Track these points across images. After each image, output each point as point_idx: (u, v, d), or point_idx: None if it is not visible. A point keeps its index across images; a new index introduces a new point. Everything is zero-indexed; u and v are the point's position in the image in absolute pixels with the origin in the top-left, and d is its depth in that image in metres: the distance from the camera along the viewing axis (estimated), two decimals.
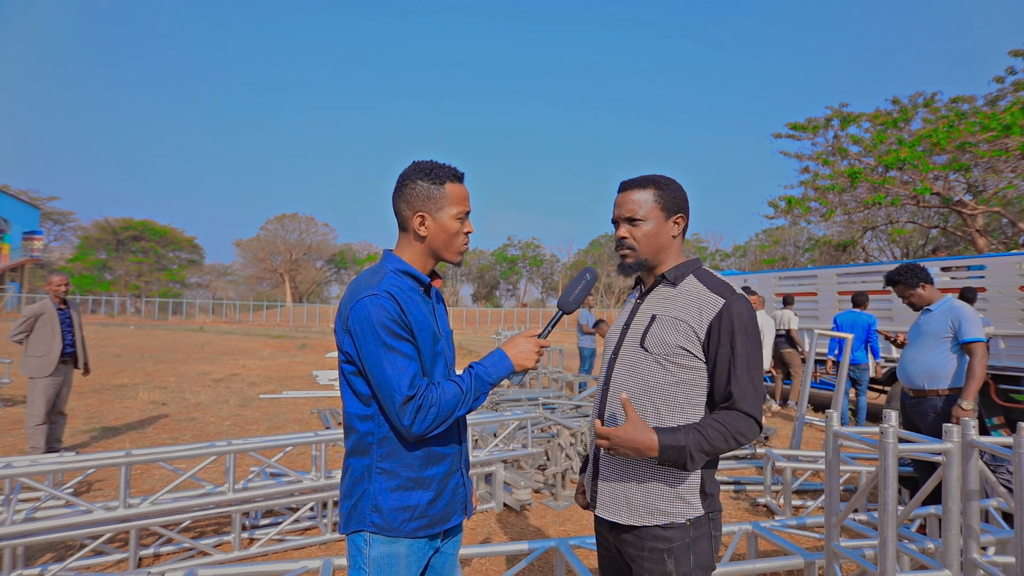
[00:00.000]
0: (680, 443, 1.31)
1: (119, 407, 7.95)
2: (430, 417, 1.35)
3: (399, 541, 1.41)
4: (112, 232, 46.97)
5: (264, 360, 14.82)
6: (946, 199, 15.28)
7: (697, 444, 1.32)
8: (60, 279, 5.26)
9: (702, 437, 1.33)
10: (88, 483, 4.51)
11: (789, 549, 2.68)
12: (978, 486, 2.23)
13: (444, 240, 1.50)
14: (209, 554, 3.33)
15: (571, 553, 2.60)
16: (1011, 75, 14.68)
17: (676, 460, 1.33)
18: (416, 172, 1.48)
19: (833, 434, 2.52)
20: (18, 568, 2.97)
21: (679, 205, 1.53)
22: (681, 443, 1.31)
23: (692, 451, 1.32)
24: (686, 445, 1.31)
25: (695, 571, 1.39)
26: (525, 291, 67.75)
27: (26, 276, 36.89)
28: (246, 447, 3.43)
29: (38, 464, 3.18)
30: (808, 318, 8.75)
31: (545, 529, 3.90)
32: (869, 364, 7.14)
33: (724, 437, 1.34)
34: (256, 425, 6.98)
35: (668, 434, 1.32)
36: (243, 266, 59.07)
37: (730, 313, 1.39)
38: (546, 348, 1.53)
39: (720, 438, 1.34)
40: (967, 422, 2.21)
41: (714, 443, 1.33)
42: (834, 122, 16.68)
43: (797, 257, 35.99)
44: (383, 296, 1.36)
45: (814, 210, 17.15)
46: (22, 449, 5.42)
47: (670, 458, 1.32)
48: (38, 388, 4.95)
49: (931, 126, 14.92)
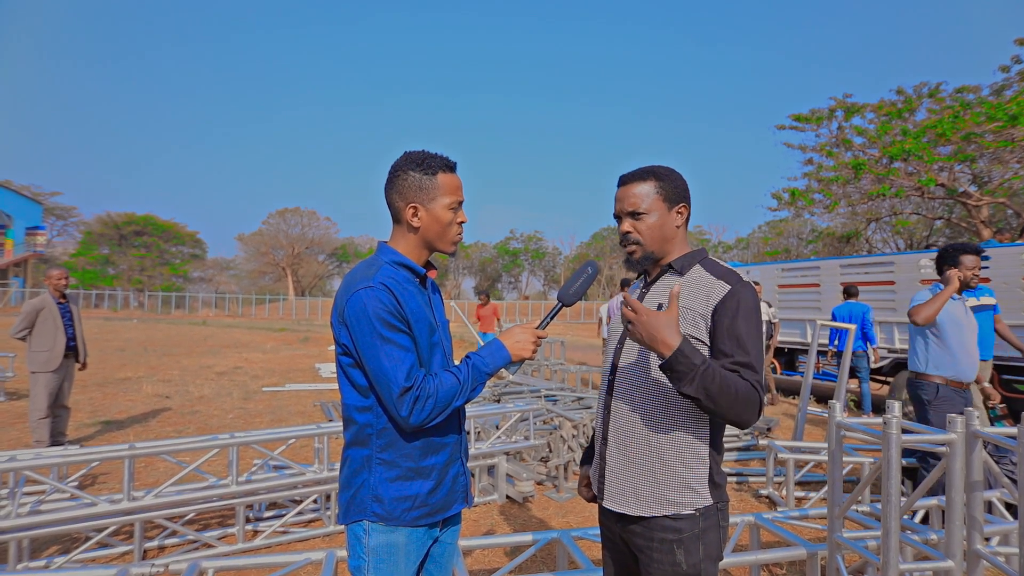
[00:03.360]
0: (695, 362, 1.25)
1: (123, 401, 7.99)
2: (427, 408, 1.34)
3: (399, 530, 1.41)
4: (115, 227, 47.00)
5: (267, 353, 14.87)
6: (951, 190, 15.17)
7: (707, 373, 1.25)
8: (60, 273, 5.27)
9: (713, 372, 1.26)
10: (92, 476, 4.53)
11: (792, 540, 2.68)
12: (982, 477, 2.22)
13: (438, 231, 1.49)
14: (213, 546, 3.35)
15: (573, 544, 2.60)
16: (1017, 64, 14.51)
17: (677, 372, 1.26)
18: (408, 163, 1.47)
19: (836, 425, 2.51)
20: (24, 560, 2.99)
21: (681, 195, 1.51)
22: (696, 362, 1.25)
23: (699, 373, 1.25)
24: (698, 366, 1.25)
25: (704, 561, 1.38)
26: (527, 284, 67.78)
27: (30, 271, 36.99)
28: (249, 440, 3.44)
29: (42, 457, 3.20)
30: (811, 309, 8.73)
31: (548, 521, 3.91)
32: (868, 352, 7.14)
33: (727, 387, 1.27)
34: (259, 418, 7.01)
35: (690, 349, 1.26)
36: (245, 260, 59.14)
37: (735, 298, 1.38)
38: (543, 339, 1.52)
39: (725, 385, 1.27)
40: (971, 412, 2.20)
41: (719, 383, 1.26)
42: (838, 113, 16.54)
43: (800, 249, 35.90)
44: (378, 288, 1.36)
45: (818, 202, 17.05)
46: (26, 443, 5.44)
47: (675, 366, 1.25)
48: (40, 382, 4.97)
49: (936, 117, 14.76)
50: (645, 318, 1.29)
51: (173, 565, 2.39)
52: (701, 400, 1.26)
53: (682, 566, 1.36)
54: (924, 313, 3.41)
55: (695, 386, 1.25)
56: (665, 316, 1.29)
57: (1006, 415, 6.04)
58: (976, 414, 2.20)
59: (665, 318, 1.29)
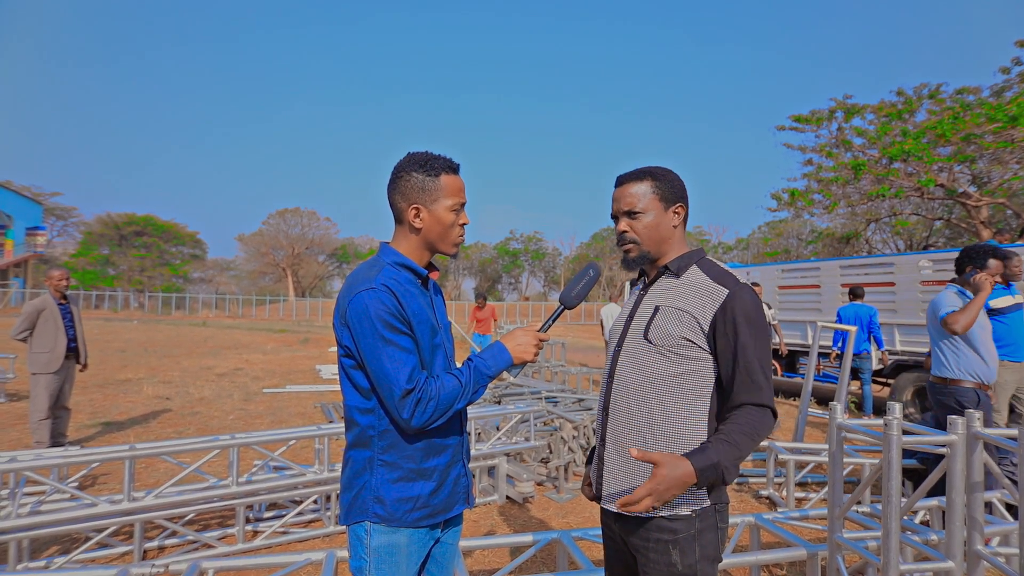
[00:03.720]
0: (713, 460, 1.28)
1: (123, 402, 7.99)
2: (429, 410, 1.35)
3: (400, 531, 1.41)
4: (115, 227, 46.99)
5: (267, 354, 14.86)
6: (950, 191, 15.17)
7: (728, 455, 1.29)
8: (60, 274, 5.27)
9: (730, 446, 1.30)
10: (93, 477, 4.53)
11: (792, 541, 2.68)
12: (982, 478, 2.22)
13: (440, 232, 1.49)
14: (213, 547, 3.35)
15: (574, 545, 2.60)
16: (1017, 66, 14.52)
17: (715, 478, 1.29)
18: (411, 164, 1.47)
19: (837, 426, 2.51)
20: (24, 561, 2.99)
21: (677, 194, 1.51)
22: (714, 460, 1.28)
23: (725, 464, 1.29)
24: (719, 460, 1.28)
25: (700, 562, 1.38)
26: (527, 285, 67.74)
27: (30, 271, 36.99)
28: (249, 441, 3.44)
29: (43, 458, 3.20)
30: (811, 310, 8.73)
31: (548, 521, 3.91)
32: (872, 354, 7.13)
33: (749, 437, 1.32)
34: (259, 419, 7.01)
35: (699, 456, 1.28)
36: (245, 261, 59.13)
37: (734, 304, 1.37)
38: (546, 342, 1.52)
39: (746, 440, 1.32)
40: (972, 414, 2.20)
41: (742, 448, 1.31)
42: (838, 114, 16.53)
43: (800, 250, 35.89)
44: (380, 290, 1.36)
45: (817, 202, 17.04)
46: (27, 444, 5.44)
47: (709, 478, 1.28)
48: (41, 383, 4.97)
49: (936, 117, 14.76)
50: (659, 487, 1.25)
51: (173, 565, 2.39)
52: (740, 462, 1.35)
53: (678, 567, 1.36)
54: (963, 321, 3.34)
55: (732, 472, 1.32)
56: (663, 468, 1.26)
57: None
58: (977, 416, 2.20)
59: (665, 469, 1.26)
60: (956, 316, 3.37)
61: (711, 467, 1.27)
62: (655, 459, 1.27)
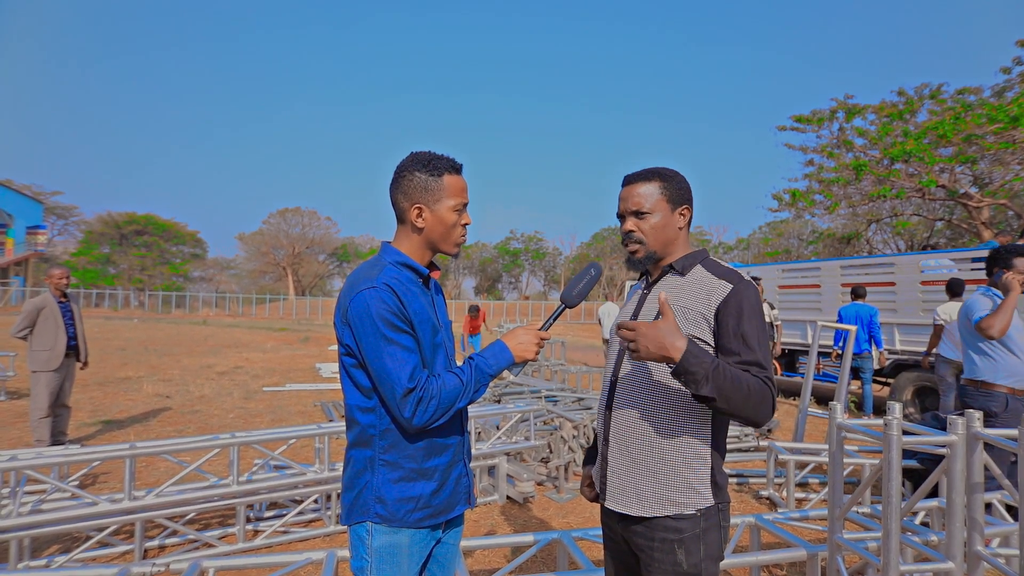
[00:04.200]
0: (704, 363, 1.24)
1: (123, 400, 7.99)
2: (431, 409, 1.34)
3: (401, 531, 1.41)
4: (115, 226, 47.01)
5: (267, 353, 14.87)
6: (952, 192, 15.16)
7: (717, 374, 1.25)
8: (61, 272, 5.27)
9: (724, 372, 1.26)
10: (93, 475, 4.54)
11: (792, 541, 2.68)
12: (982, 479, 2.22)
13: (442, 232, 1.49)
14: (214, 546, 3.35)
15: (574, 545, 2.60)
16: (1018, 66, 14.49)
17: (689, 376, 1.24)
18: (414, 163, 1.47)
19: (837, 426, 2.51)
20: (25, 559, 2.99)
21: (684, 196, 1.52)
22: (705, 364, 1.24)
23: (712, 376, 1.24)
24: (708, 369, 1.24)
25: (705, 562, 1.38)
26: (527, 284, 67.74)
27: (30, 270, 37.00)
28: (250, 440, 3.44)
29: (43, 457, 3.20)
30: (811, 310, 8.73)
31: (548, 521, 3.91)
32: (872, 354, 7.13)
33: (743, 384, 1.27)
34: (260, 418, 7.01)
35: (697, 351, 1.26)
36: (246, 260, 59.11)
37: (738, 297, 1.38)
38: (547, 340, 1.52)
39: (740, 383, 1.27)
40: (972, 414, 2.20)
41: (732, 381, 1.26)
42: (839, 114, 16.53)
43: (801, 250, 35.87)
44: (382, 288, 1.36)
45: (818, 203, 17.04)
46: (27, 442, 5.45)
47: (687, 369, 1.24)
48: (41, 382, 4.97)
49: (937, 118, 14.75)
50: (645, 330, 1.28)
51: (174, 564, 2.39)
52: (716, 400, 1.26)
53: (683, 566, 1.37)
54: (999, 325, 3.26)
55: (710, 386, 1.24)
56: (663, 323, 1.28)
57: None
58: (977, 416, 2.20)
59: (664, 325, 1.28)
60: (991, 320, 3.30)
61: (698, 361, 1.24)
62: (667, 315, 1.30)
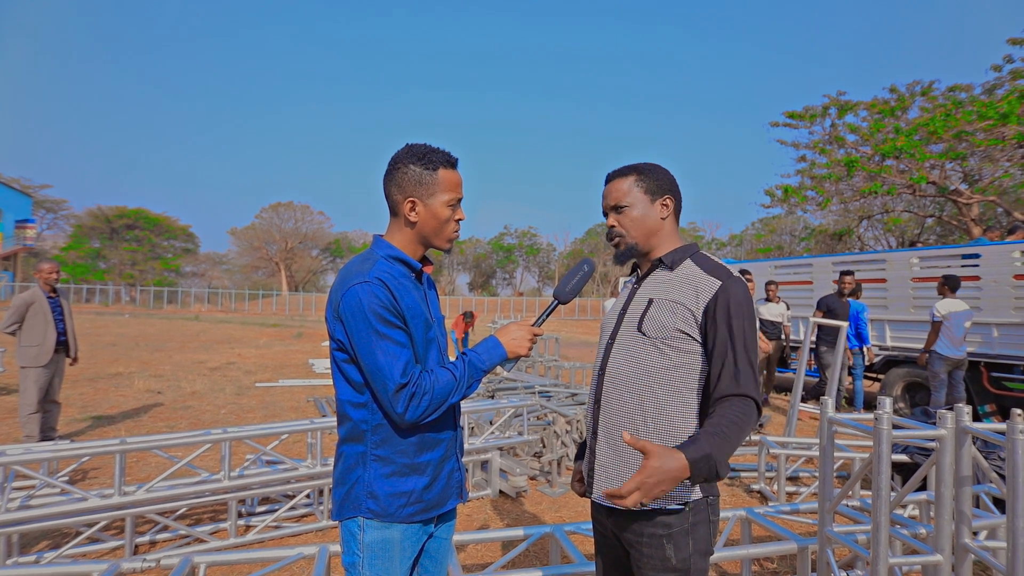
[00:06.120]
0: (706, 451, 1.23)
1: (114, 396, 7.93)
2: (423, 404, 1.34)
3: (393, 527, 1.40)
4: (106, 220, 46.55)
5: (260, 348, 14.79)
6: (942, 188, 15.28)
7: (719, 447, 1.25)
8: (50, 267, 5.22)
9: (721, 438, 1.26)
10: (83, 471, 4.50)
11: (782, 534, 2.70)
12: (970, 472, 2.24)
13: (435, 227, 1.47)
14: (205, 541, 3.34)
15: (566, 539, 2.61)
16: (1008, 64, 14.58)
17: (708, 472, 1.23)
18: (409, 156, 1.45)
19: (828, 420, 2.53)
20: (14, 555, 2.97)
21: (664, 187, 1.52)
22: (706, 451, 1.23)
23: (717, 456, 1.24)
24: (711, 452, 1.23)
25: (694, 556, 1.38)
26: (522, 280, 67.75)
27: (19, 265, 36.58)
28: (242, 435, 3.42)
29: (32, 452, 3.17)
30: (803, 307, 8.78)
31: (541, 515, 3.92)
32: (862, 350, 7.19)
33: (738, 428, 1.29)
34: (252, 413, 6.98)
35: (691, 447, 1.23)
36: (238, 255, 58.74)
37: (727, 295, 1.38)
38: (540, 336, 1.52)
39: (735, 432, 1.28)
40: (961, 408, 2.22)
41: (732, 440, 1.27)
42: (831, 111, 16.61)
43: (793, 246, 36.09)
44: (374, 283, 1.34)
45: (810, 199, 17.14)
46: (16, 438, 5.40)
47: (702, 472, 1.22)
48: (30, 377, 4.93)
49: (928, 115, 14.85)
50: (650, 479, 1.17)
51: (164, 560, 2.38)
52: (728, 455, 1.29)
53: (672, 560, 1.37)
54: None
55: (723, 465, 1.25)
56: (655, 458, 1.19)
57: (994, 412, 6.10)
58: (966, 410, 2.22)
59: (656, 461, 1.18)
60: None
61: (704, 459, 1.21)
62: (647, 448, 1.19)
